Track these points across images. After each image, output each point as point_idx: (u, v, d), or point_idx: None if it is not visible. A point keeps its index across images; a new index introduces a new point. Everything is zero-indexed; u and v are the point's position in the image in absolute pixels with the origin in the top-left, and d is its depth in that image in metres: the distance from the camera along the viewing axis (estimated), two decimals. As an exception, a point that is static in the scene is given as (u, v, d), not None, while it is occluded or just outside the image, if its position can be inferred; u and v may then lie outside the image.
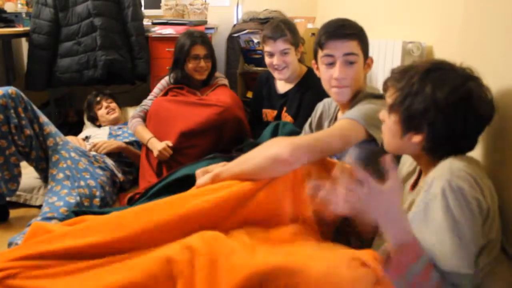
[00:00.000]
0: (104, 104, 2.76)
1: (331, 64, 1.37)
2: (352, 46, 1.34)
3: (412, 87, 0.97)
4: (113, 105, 2.79)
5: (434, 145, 0.98)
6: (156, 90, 2.49)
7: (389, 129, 1.05)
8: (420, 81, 0.96)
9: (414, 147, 1.01)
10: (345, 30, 1.34)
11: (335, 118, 1.56)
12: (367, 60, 1.42)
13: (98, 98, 2.79)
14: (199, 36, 2.37)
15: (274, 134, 1.91)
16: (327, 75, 1.39)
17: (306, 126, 1.77)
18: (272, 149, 1.13)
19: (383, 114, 1.07)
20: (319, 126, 1.68)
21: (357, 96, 1.43)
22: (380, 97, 1.37)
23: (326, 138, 1.22)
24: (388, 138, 1.07)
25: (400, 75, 1.01)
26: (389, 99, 1.03)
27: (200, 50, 2.34)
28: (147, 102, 2.45)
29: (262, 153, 1.15)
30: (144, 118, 2.36)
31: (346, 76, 1.36)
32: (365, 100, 1.38)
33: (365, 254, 0.92)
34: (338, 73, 1.35)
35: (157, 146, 2.13)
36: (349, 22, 1.38)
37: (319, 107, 1.71)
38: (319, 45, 1.39)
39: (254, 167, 1.13)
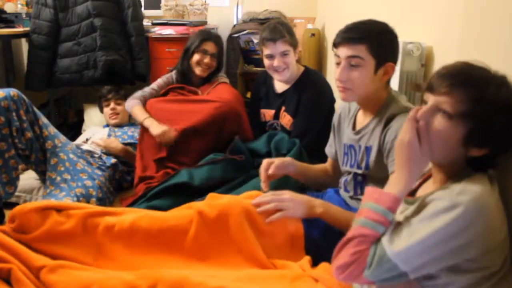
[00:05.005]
0: (112, 104, 2.64)
1: (338, 64, 1.37)
2: (357, 49, 1.31)
3: (490, 100, 0.87)
4: (120, 108, 2.63)
5: (488, 159, 0.91)
6: (160, 81, 2.47)
7: (439, 137, 0.92)
8: (498, 94, 0.87)
9: (461, 157, 0.93)
10: (350, 34, 1.33)
11: (355, 117, 1.53)
12: (383, 65, 1.34)
13: (109, 96, 2.66)
14: (215, 36, 2.46)
15: (268, 142, 2.04)
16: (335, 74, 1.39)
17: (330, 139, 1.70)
18: None
19: (426, 115, 0.93)
20: (339, 125, 1.63)
21: (384, 105, 1.39)
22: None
23: None
24: (436, 146, 0.93)
25: (464, 80, 0.90)
26: (447, 105, 0.90)
27: (210, 47, 2.39)
28: (149, 90, 2.43)
29: None
30: (144, 102, 2.33)
31: (345, 78, 1.34)
32: (401, 116, 1.32)
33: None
34: (337, 74, 1.35)
35: (158, 127, 2.10)
36: (359, 26, 1.35)
37: (339, 108, 1.66)
38: (333, 44, 1.40)
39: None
